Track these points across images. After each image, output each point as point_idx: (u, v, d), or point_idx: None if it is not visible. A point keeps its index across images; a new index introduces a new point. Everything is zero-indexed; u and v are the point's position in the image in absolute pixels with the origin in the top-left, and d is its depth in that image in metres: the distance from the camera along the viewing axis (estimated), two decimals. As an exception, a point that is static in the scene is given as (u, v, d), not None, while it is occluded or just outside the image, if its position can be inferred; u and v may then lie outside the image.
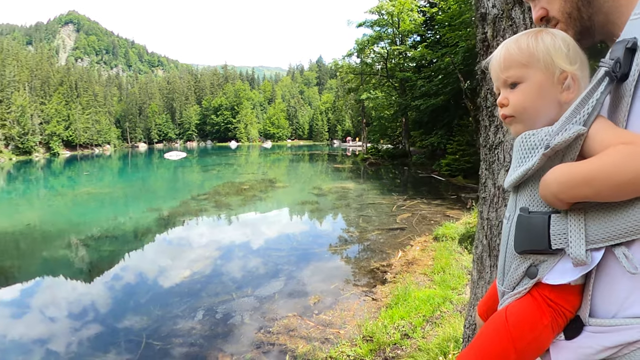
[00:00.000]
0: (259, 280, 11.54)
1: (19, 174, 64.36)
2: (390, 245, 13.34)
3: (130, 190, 37.18)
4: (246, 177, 37.64)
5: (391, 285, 9.45)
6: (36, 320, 11.54)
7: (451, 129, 33.21)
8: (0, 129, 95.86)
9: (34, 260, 18.68)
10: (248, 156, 75.41)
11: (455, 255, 10.02)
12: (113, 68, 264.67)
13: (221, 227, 19.56)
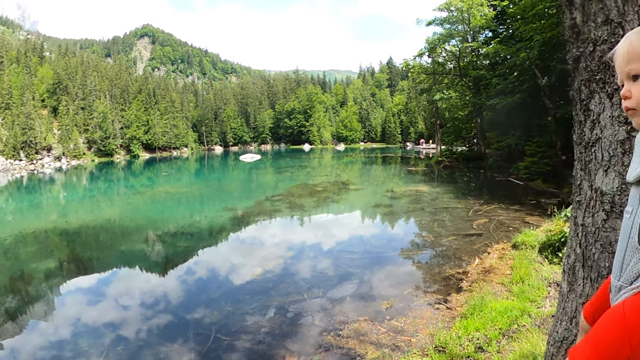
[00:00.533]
0: (331, 282, 11.42)
1: (100, 174, 67.88)
2: (466, 251, 12.87)
3: (206, 191, 38.27)
4: (319, 180, 37.69)
5: (467, 294, 9.06)
6: (112, 308, 11.95)
7: (529, 129, 31.28)
8: (83, 133, 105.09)
9: (113, 252, 19.50)
10: (321, 159, 75.74)
11: (535, 265, 9.35)
12: (188, 76, 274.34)
13: (294, 228, 19.66)
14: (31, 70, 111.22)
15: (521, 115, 33.65)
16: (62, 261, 18.08)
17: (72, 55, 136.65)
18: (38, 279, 15.62)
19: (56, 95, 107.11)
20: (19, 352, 9.94)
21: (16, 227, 27.67)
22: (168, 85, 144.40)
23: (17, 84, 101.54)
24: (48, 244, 22.09)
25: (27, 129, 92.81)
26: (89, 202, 37.12)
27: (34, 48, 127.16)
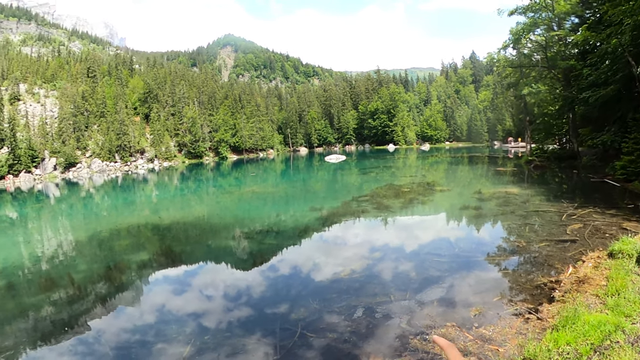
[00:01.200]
0: (418, 285, 11.47)
1: (191, 175, 71.09)
2: (559, 259, 12.35)
3: (292, 191, 39.05)
4: (405, 180, 37.42)
5: (559, 304, 8.76)
6: (200, 299, 12.67)
7: (625, 124, 28.12)
8: (174, 137, 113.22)
9: (201, 247, 20.51)
10: (406, 159, 75.01)
11: (633, 277, 8.77)
12: (272, 81, 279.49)
13: (380, 229, 19.79)
14: (123, 81, 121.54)
15: (616, 109, 30.82)
16: (153, 254, 19.24)
17: (160, 67, 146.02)
18: (130, 269, 16.78)
19: (147, 103, 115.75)
20: (114, 335, 10.74)
21: (111, 222, 29.70)
22: (253, 90, 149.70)
23: (110, 94, 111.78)
24: (140, 238, 23.54)
25: (122, 134, 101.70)
26: (179, 200, 39.02)
27: (123, 62, 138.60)
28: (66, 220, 34.77)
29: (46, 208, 44.49)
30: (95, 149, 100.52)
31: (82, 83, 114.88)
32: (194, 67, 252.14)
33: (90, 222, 31.24)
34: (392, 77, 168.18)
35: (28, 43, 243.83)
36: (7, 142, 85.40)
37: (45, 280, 16.75)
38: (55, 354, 10.29)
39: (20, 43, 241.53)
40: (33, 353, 10.43)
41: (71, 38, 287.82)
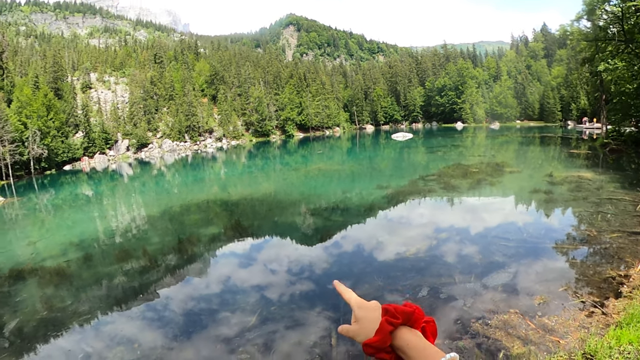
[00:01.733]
0: (483, 268, 11.46)
1: (258, 153, 72.50)
2: (631, 252, 11.82)
3: (358, 168, 39.15)
4: (473, 160, 36.55)
5: (626, 300, 8.52)
6: (265, 272, 13.29)
7: None
8: (241, 117, 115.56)
9: (268, 222, 21.14)
10: (474, 138, 73.01)
11: None
12: (336, 59, 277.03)
13: (448, 209, 19.69)
14: (189, 65, 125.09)
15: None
16: (222, 228, 20.00)
17: (224, 49, 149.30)
18: (200, 242, 17.61)
19: (214, 85, 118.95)
20: (183, 303, 11.39)
21: (182, 198, 30.98)
22: (317, 69, 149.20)
23: (178, 78, 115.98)
24: (209, 213, 24.46)
25: (190, 115, 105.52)
26: (247, 178, 40.02)
27: (188, 46, 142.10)
28: (139, 196, 36.51)
29: (120, 186, 46.90)
30: (166, 130, 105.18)
31: (150, 69, 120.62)
32: (257, 48, 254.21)
33: (162, 199, 32.67)
34: (460, 51, 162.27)
35: (95, 35, 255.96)
36: (82, 127, 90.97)
37: (119, 251, 17.88)
38: (127, 318, 11.15)
39: (87, 36, 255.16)
40: (106, 318, 11.31)
41: (136, 27, 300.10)
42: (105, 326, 11.00)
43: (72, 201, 37.29)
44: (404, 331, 1.18)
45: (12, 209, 35.34)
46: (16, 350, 10.19)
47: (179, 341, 9.53)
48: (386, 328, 1.17)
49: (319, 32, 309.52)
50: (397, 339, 1.17)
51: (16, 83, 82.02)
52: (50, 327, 11.15)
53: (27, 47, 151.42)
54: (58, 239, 22.44)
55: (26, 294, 13.85)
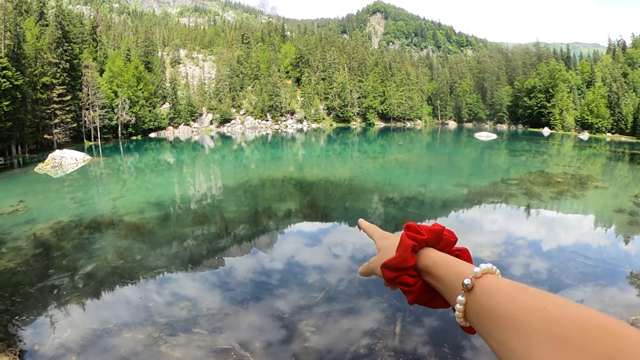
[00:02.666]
0: (557, 282, 11.03)
1: (337, 138, 72.65)
2: None
3: (436, 163, 38.32)
4: (558, 170, 34.61)
5: None
6: (333, 255, 13.07)
7: None
8: (324, 101, 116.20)
9: (339, 206, 20.99)
10: (561, 147, 69.16)
11: None
12: (422, 49, 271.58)
13: (528, 217, 18.79)
14: (275, 47, 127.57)
15: None
16: (294, 207, 20.12)
17: (310, 33, 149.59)
18: (271, 218, 17.82)
19: (299, 68, 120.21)
20: (251, 273, 11.46)
21: (258, 174, 31.52)
22: (403, 59, 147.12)
23: (264, 58, 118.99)
24: (283, 191, 24.68)
25: (274, 95, 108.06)
26: (324, 161, 40.10)
27: (275, 29, 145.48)
28: (217, 168, 37.54)
29: (201, 156, 48.53)
30: (249, 108, 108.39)
31: (237, 48, 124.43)
32: (343, 34, 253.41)
33: (239, 172, 33.42)
34: (553, 51, 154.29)
35: (185, 14, 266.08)
36: (169, 99, 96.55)
37: (192, 216, 18.47)
38: (190, 279, 11.44)
39: (177, 15, 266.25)
40: (173, 275, 11.67)
41: (225, 9, 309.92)
42: (172, 283, 11.40)
43: (154, 166, 38.95)
44: (430, 250, 0.98)
45: (97, 168, 37.71)
46: (88, 291, 10.80)
47: (246, 307, 9.67)
48: (407, 243, 0.97)
49: (406, 21, 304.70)
50: (423, 258, 0.97)
51: (109, 55, 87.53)
52: (123, 275, 11.76)
53: (120, 22, 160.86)
54: (137, 198, 23.49)
55: (104, 244, 14.60)
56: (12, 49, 52.93)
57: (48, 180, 31.42)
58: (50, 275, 11.82)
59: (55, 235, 15.84)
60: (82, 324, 9.08)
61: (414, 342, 8.20)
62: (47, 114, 61.04)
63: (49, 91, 61.54)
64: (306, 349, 8.01)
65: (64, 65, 64.91)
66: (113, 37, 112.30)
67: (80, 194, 25.33)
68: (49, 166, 36.43)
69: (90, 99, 68.05)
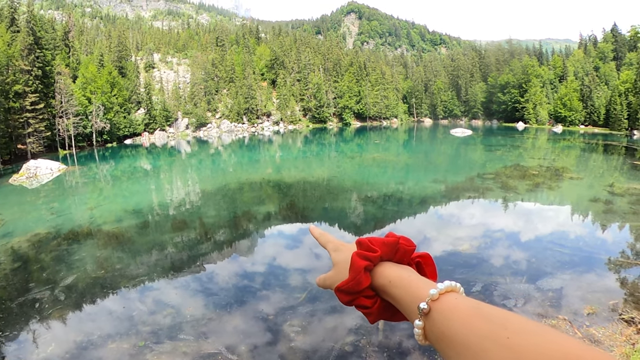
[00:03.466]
0: (536, 272, 11.35)
1: (314, 138, 72.95)
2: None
3: (413, 161, 38.78)
4: (533, 163, 35.17)
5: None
6: (314, 256, 13.18)
7: None
8: (299, 102, 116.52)
9: (318, 207, 21.26)
10: (535, 140, 70.02)
11: None
12: (397, 48, 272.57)
13: (504, 210, 19.28)
14: (250, 49, 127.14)
15: None
16: (272, 209, 20.35)
17: (285, 35, 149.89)
18: (250, 221, 18.04)
19: (274, 70, 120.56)
20: (228, 278, 11.73)
21: (236, 177, 31.66)
22: (378, 58, 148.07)
23: (239, 61, 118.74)
24: (262, 194, 24.89)
25: (249, 98, 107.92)
26: (301, 162, 40.31)
27: (250, 31, 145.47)
28: (195, 173, 37.51)
29: (177, 162, 48.36)
30: (225, 111, 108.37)
31: (211, 52, 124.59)
32: (318, 35, 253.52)
33: (217, 176, 33.48)
34: (525, 48, 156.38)
35: (158, 18, 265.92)
36: (144, 104, 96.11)
37: (171, 223, 18.61)
38: (172, 287, 11.65)
39: (151, 18, 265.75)
40: (154, 283, 11.96)
41: (199, 11, 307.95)
42: (154, 291, 11.53)
43: (131, 173, 38.69)
44: (386, 266, 0.92)
45: (73, 177, 37.31)
46: (70, 303, 10.85)
47: (229, 311, 9.86)
48: (359, 264, 0.90)
49: (380, 21, 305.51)
50: (378, 276, 0.91)
51: (82, 61, 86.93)
52: (105, 286, 11.82)
53: (93, 27, 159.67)
54: (115, 207, 23.42)
55: (83, 254, 14.63)
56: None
57: (23, 192, 31.05)
58: (31, 289, 11.80)
59: (33, 248, 15.74)
60: (66, 337, 9.14)
61: (397, 337, 8.46)
62: (20, 123, 59.59)
63: (21, 99, 60.01)
64: (292, 349, 8.22)
65: (36, 73, 64.01)
66: (86, 43, 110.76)
67: (56, 204, 25.10)
68: (23, 177, 35.99)
69: (63, 107, 67.01)
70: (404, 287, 0.85)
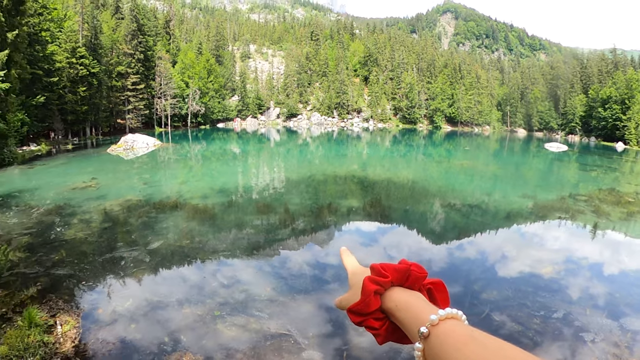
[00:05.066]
0: (620, 308, 10.28)
1: (402, 139, 72.03)
2: None
3: (503, 172, 37.06)
4: (630, 189, 32.33)
5: None
6: (384, 255, 12.57)
7: None
8: (391, 101, 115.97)
9: (400, 209, 20.50)
10: (635, 164, 65.41)
11: None
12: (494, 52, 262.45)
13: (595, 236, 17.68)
14: (344, 45, 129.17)
15: None
16: (353, 205, 19.91)
17: (379, 32, 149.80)
18: (328, 214, 17.60)
19: (367, 67, 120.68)
20: (304, 266, 11.38)
21: (321, 169, 31.64)
22: (473, 61, 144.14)
23: (332, 56, 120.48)
24: (344, 188, 24.60)
25: (341, 93, 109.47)
26: (387, 161, 39.76)
27: (344, 27, 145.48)
28: (282, 161, 38.00)
29: (266, 149, 49.43)
30: (316, 104, 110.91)
31: (306, 45, 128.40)
32: (412, 33, 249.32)
33: (303, 166, 33.65)
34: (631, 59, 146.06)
35: (255, 11, 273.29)
36: (238, 92, 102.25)
37: (253, 206, 18.96)
38: (249, 266, 11.68)
39: (247, 11, 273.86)
40: (233, 260, 12.06)
41: (294, 6, 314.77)
42: (231, 267, 11.63)
43: (220, 155, 40.19)
44: (395, 291, 0.96)
45: (166, 153, 39.60)
46: (152, 266, 11.18)
47: (301, 297, 9.73)
48: (369, 288, 0.94)
49: (477, 22, 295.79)
50: (387, 300, 0.95)
51: (181, 48, 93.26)
52: (185, 255, 12.07)
53: (192, 17, 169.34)
54: (202, 184, 24.19)
55: (170, 224, 15.10)
56: (89, 40, 57.83)
57: (119, 161, 33.53)
58: (118, 248, 12.34)
59: (123, 212, 16.59)
60: (143, 295, 9.35)
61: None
62: (121, 100, 66.22)
63: (123, 79, 66.67)
64: (358, 345, 7.89)
65: (138, 56, 70.22)
66: (185, 31, 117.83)
67: (148, 176, 26.71)
68: (121, 148, 39.09)
69: (162, 89, 73.14)
70: (409, 311, 0.89)
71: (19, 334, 7.15)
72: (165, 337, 7.55)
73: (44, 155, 37.44)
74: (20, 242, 13.03)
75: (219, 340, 7.59)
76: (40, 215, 16.33)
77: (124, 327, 7.90)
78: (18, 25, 32.55)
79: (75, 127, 54.24)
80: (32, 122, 39.59)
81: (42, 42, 45.93)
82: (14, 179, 26.02)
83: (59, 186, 22.59)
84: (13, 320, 7.86)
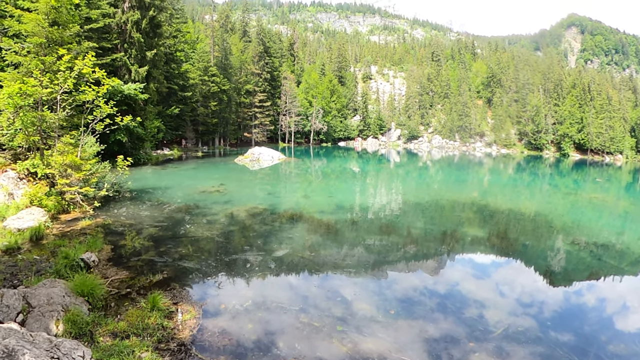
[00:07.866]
0: None
1: (527, 167, 68.29)
2: None
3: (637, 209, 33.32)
4: None
5: None
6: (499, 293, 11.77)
7: None
8: (516, 125, 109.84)
9: (519, 243, 18.86)
10: None
11: None
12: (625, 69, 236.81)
13: None
14: (465, 65, 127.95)
15: None
16: (468, 234, 18.81)
17: (502, 51, 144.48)
18: (442, 241, 16.86)
19: (490, 88, 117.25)
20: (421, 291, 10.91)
21: (439, 194, 30.71)
22: (603, 80, 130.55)
23: (454, 77, 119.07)
24: (461, 216, 23.51)
25: (463, 116, 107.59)
26: (510, 190, 37.85)
27: (465, 46, 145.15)
28: (400, 183, 37.63)
29: (385, 169, 49.34)
30: (437, 127, 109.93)
31: (427, 66, 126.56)
32: (537, 51, 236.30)
33: (421, 190, 32.99)
34: None
35: (375, 32, 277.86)
36: (360, 112, 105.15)
37: (367, 225, 18.72)
38: (365, 284, 11.41)
39: (367, 33, 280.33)
40: (356, 278, 11.79)
41: (413, 26, 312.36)
42: (355, 284, 11.42)
43: (340, 172, 41.10)
44: None
45: (289, 167, 41.85)
46: (275, 272, 11.52)
47: (427, 325, 9.22)
48: None
49: (605, 36, 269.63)
50: None
51: (305, 69, 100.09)
52: (308, 266, 12.21)
53: (315, 40, 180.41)
54: (321, 199, 24.65)
55: (294, 234, 15.41)
56: (220, 60, 65.80)
57: (245, 171, 36.63)
58: (245, 251, 12.86)
59: (249, 218, 17.43)
60: (263, 298, 9.50)
61: None
62: (248, 115, 73.71)
63: (251, 97, 74.48)
64: None
65: (265, 76, 78.18)
66: (309, 54, 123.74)
67: (270, 187, 28.31)
68: (247, 159, 42.85)
69: (287, 106, 79.54)
70: None
71: (140, 314, 7.80)
72: (280, 343, 7.58)
73: (176, 159, 43.08)
74: (149, 232, 14.29)
75: (334, 354, 7.51)
76: (170, 211, 17.95)
77: (241, 325, 8.09)
78: (156, 45, 38.21)
79: (205, 137, 63.43)
80: (167, 129, 46.84)
81: (177, 61, 51.94)
82: (147, 177, 29.47)
83: (189, 188, 25.33)
84: (136, 301, 8.54)
